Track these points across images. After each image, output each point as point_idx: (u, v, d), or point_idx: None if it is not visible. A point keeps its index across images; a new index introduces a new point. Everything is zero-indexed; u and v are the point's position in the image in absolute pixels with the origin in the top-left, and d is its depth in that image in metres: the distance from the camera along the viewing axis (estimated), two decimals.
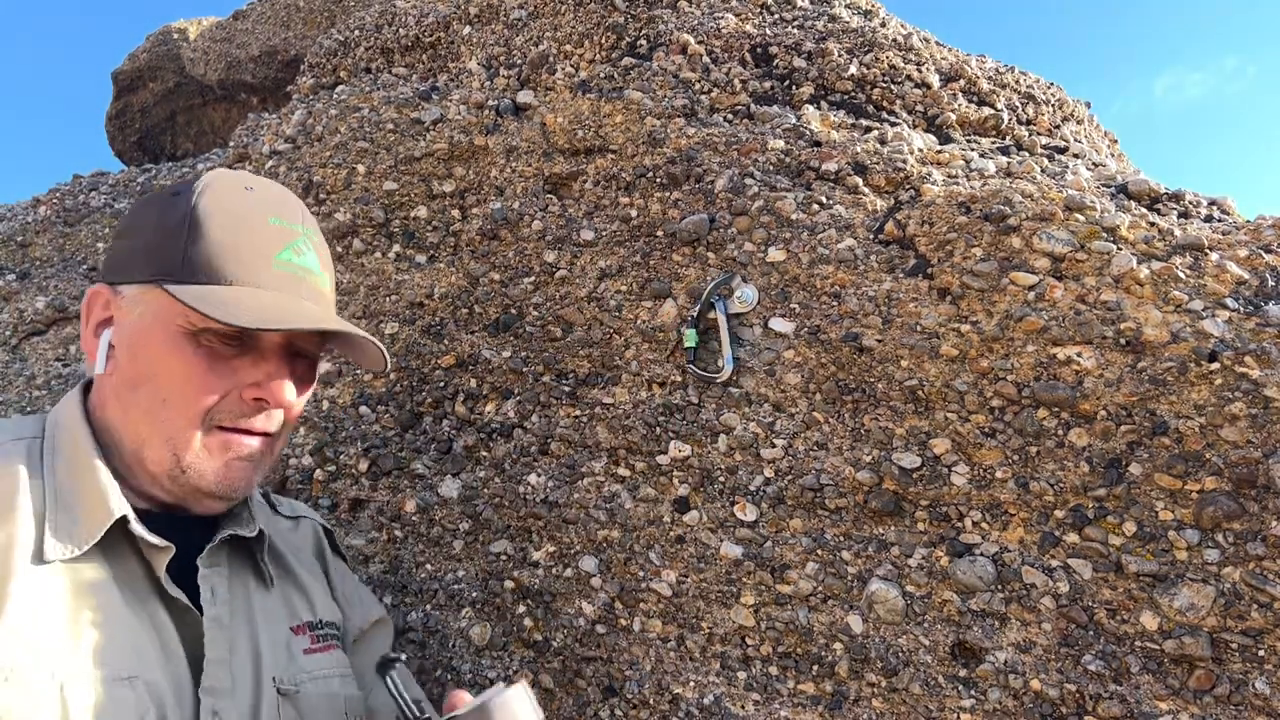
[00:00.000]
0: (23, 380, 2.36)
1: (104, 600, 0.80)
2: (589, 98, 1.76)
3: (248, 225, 0.91)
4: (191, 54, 4.57)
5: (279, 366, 0.92)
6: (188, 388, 0.87)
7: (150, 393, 0.87)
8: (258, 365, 0.91)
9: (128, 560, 0.85)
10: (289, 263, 0.92)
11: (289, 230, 0.94)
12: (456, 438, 1.56)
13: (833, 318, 1.32)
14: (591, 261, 1.58)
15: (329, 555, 1.18)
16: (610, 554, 1.34)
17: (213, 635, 0.86)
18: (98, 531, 0.81)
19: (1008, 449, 1.14)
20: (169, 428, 0.87)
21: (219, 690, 0.84)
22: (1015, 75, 1.79)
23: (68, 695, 0.72)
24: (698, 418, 1.36)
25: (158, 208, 0.92)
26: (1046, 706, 1.04)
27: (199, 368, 0.87)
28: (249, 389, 0.90)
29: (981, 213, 1.29)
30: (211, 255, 0.87)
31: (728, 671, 1.21)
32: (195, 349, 0.87)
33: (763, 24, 1.90)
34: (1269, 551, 0.97)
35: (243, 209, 0.92)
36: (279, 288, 0.90)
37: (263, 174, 2.07)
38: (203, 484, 0.89)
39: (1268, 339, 1.04)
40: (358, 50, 2.55)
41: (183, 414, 0.87)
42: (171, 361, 0.87)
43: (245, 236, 0.90)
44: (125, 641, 0.79)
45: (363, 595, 1.20)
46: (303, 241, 0.95)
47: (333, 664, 1.00)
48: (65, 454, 0.87)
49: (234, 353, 0.89)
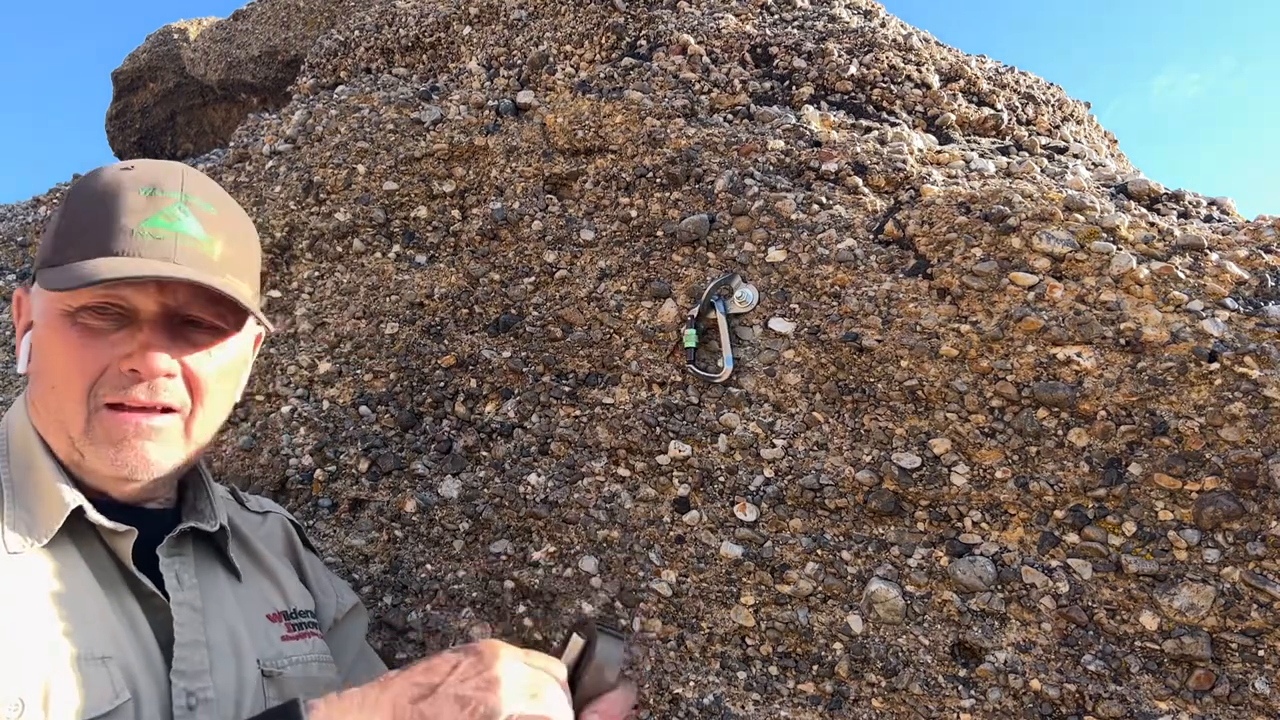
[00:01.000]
0: (22, 380, 2.36)
1: (75, 587, 0.81)
2: (589, 98, 1.76)
3: (110, 199, 0.89)
4: (192, 54, 4.57)
5: (154, 336, 0.89)
6: (68, 367, 0.87)
7: (44, 381, 0.89)
8: (133, 337, 0.89)
9: (95, 550, 0.86)
10: (158, 228, 0.89)
11: (163, 198, 0.91)
12: (456, 438, 1.56)
13: (833, 318, 1.32)
14: (591, 261, 1.58)
15: (300, 548, 1.19)
16: (610, 554, 1.34)
17: (183, 619, 0.86)
18: (55, 524, 0.82)
19: (1008, 449, 1.14)
20: (60, 412, 0.87)
21: (193, 672, 0.84)
22: (1015, 75, 1.79)
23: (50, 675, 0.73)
24: (698, 418, 1.36)
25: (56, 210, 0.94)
26: (1046, 706, 1.04)
27: (75, 346, 0.87)
28: (123, 360, 0.88)
29: (981, 213, 1.29)
30: (70, 234, 0.88)
31: (728, 671, 1.21)
32: (70, 328, 0.87)
33: (763, 24, 1.90)
34: (1269, 551, 0.97)
35: (109, 186, 0.90)
36: (143, 253, 0.87)
37: (262, 174, 2.07)
38: (101, 469, 0.88)
39: (1268, 339, 1.04)
40: (358, 50, 2.55)
41: (67, 395, 0.87)
42: (55, 346, 0.88)
43: (105, 209, 0.89)
44: (98, 624, 0.80)
45: (336, 584, 1.21)
46: (177, 208, 0.91)
47: (311, 650, 1.01)
48: (18, 456, 0.89)
49: (111, 328, 0.88)
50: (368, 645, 1.21)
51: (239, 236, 0.98)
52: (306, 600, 1.08)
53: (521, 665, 0.81)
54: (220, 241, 0.94)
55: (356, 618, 1.20)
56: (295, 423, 1.72)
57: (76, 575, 0.82)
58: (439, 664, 0.79)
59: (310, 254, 1.91)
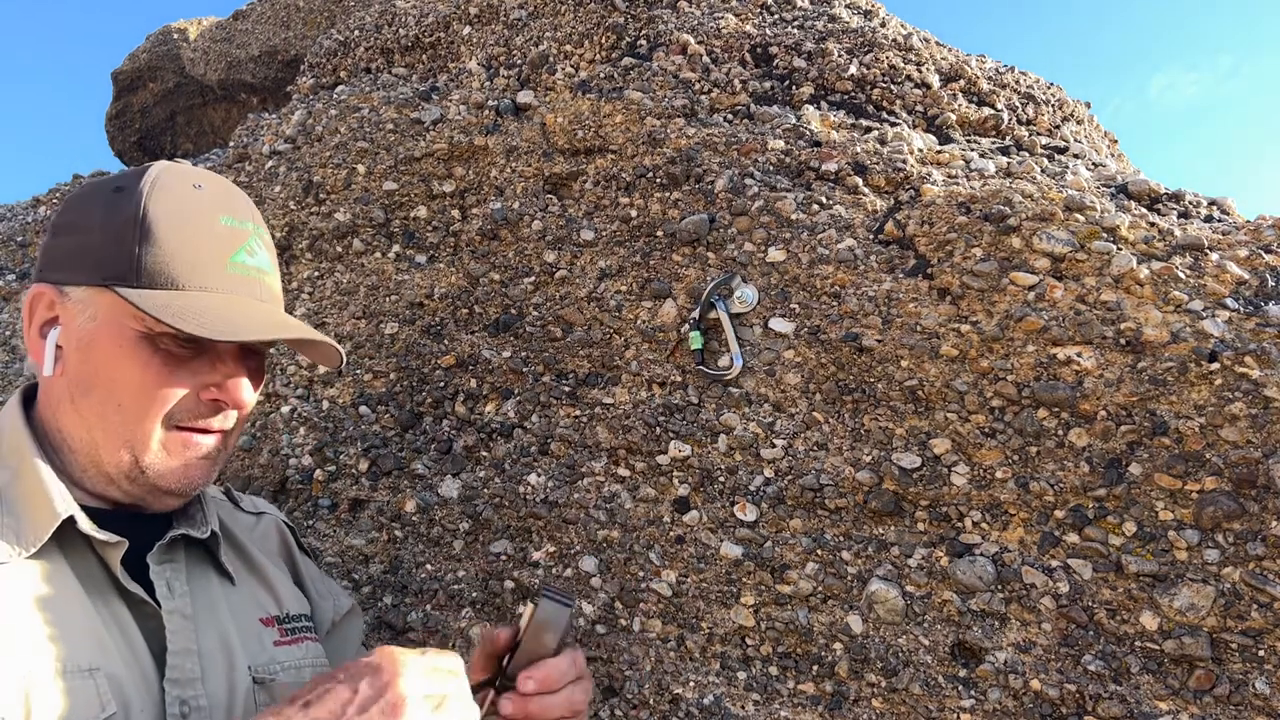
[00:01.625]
0: (22, 380, 2.37)
1: (63, 597, 0.79)
2: (589, 98, 1.76)
3: (199, 227, 0.90)
4: (191, 54, 4.57)
5: (235, 367, 0.92)
6: (145, 392, 0.86)
7: (104, 396, 0.87)
8: (215, 367, 0.90)
9: (85, 558, 0.85)
10: (242, 264, 0.92)
11: (240, 230, 0.93)
12: (456, 438, 1.56)
13: (833, 318, 1.32)
14: (591, 261, 1.58)
15: (295, 551, 1.18)
16: (610, 554, 1.34)
17: (175, 626, 0.86)
18: (44, 533, 0.80)
19: (1008, 449, 1.14)
20: (126, 431, 0.87)
21: (185, 680, 0.84)
22: (1015, 75, 1.79)
23: (30, 690, 0.71)
24: (698, 418, 1.36)
25: (102, 205, 0.90)
26: (1046, 706, 1.04)
27: (156, 372, 0.87)
28: (206, 390, 0.90)
29: (981, 213, 1.29)
30: (164, 259, 0.86)
31: (728, 671, 1.21)
32: (153, 353, 0.87)
33: (763, 24, 1.90)
34: (1269, 551, 0.97)
35: (193, 209, 0.90)
36: (233, 290, 0.90)
37: (262, 174, 2.07)
38: (162, 483, 0.89)
39: (1268, 339, 1.04)
40: (358, 50, 2.55)
41: (141, 417, 0.87)
42: (127, 365, 0.86)
43: (197, 239, 0.89)
44: (86, 635, 0.78)
45: (332, 587, 1.21)
46: (254, 240, 0.95)
47: (305, 655, 1.00)
48: (7, 462, 0.87)
49: (191, 354, 0.89)
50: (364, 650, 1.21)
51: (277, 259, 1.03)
52: (301, 604, 1.07)
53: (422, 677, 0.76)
54: (278, 272, 0.99)
55: (353, 620, 1.19)
56: (295, 423, 1.72)
57: (64, 585, 0.80)
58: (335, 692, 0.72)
59: (310, 254, 1.91)
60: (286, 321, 0.94)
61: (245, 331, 0.85)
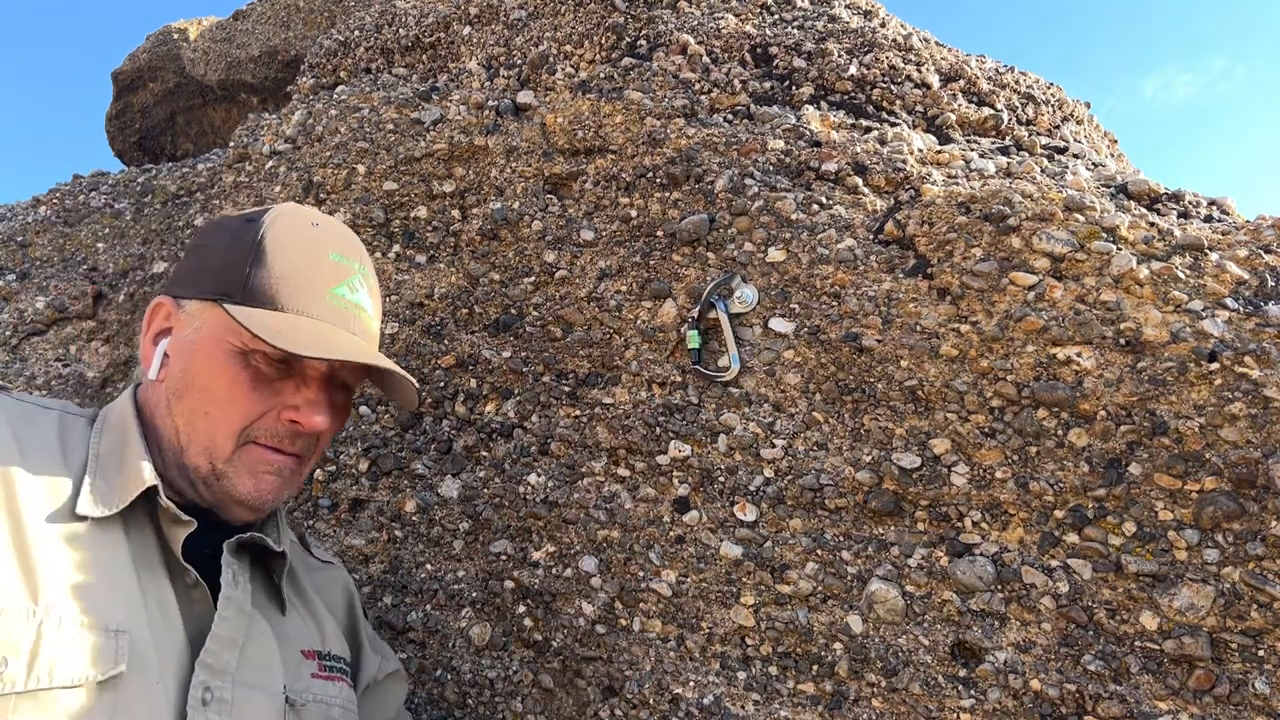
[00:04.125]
0: (23, 380, 2.36)
1: (111, 563, 0.82)
2: (589, 98, 1.76)
3: (309, 258, 0.97)
4: (192, 54, 4.57)
5: (318, 394, 0.97)
6: (230, 403, 0.92)
7: (195, 403, 0.92)
8: (299, 390, 0.96)
9: (145, 535, 0.88)
10: (342, 298, 0.98)
11: (347, 267, 1.00)
12: (456, 438, 1.56)
13: (833, 318, 1.32)
14: (591, 261, 1.58)
15: (357, 606, 1.21)
16: (610, 554, 1.34)
17: (228, 614, 0.88)
18: (129, 496, 0.85)
19: (1008, 449, 1.14)
20: (207, 438, 0.92)
21: (218, 669, 0.84)
22: (1015, 75, 1.79)
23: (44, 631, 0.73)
24: (698, 418, 1.36)
25: (230, 231, 0.98)
26: (1046, 706, 1.04)
27: (244, 386, 0.92)
28: (287, 411, 0.95)
29: (981, 213, 1.29)
30: (271, 282, 0.93)
31: (728, 671, 1.21)
32: (243, 367, 0.92)
33: (763, 24, 1.90)
34: (1269, 551, 0.97)
35: (306, 242, 0.98)
36: (330, 320, 0.96)
37: (262, 174, 2.07)
38: (235, 492, 0.93)
39: (1267, 339, 1.04)
40: (358, 50, 2.55)
41: (222, 426, 0.92)
42: (218, 376, 0.92)
43: (304, 268, 0.96)
44: (122, 601, 0.80)
45: (384, 648, 1.23)
46: (358, 279, 1.01)
47: (336, 694, 1.01)
48: (112, 433, 0.93)
49: (278, 375, 0.94)
50: (406, 714, 1.22)
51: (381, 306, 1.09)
52: (343, 649, 1.09)
53: None
54: (378, 315, 1.05)
55: (397, 681, 1.22)
56: None
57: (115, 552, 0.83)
58: None
59: None
60: (372, 352, 0.98)
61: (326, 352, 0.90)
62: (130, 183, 2.96)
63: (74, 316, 2.53)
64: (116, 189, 2.95)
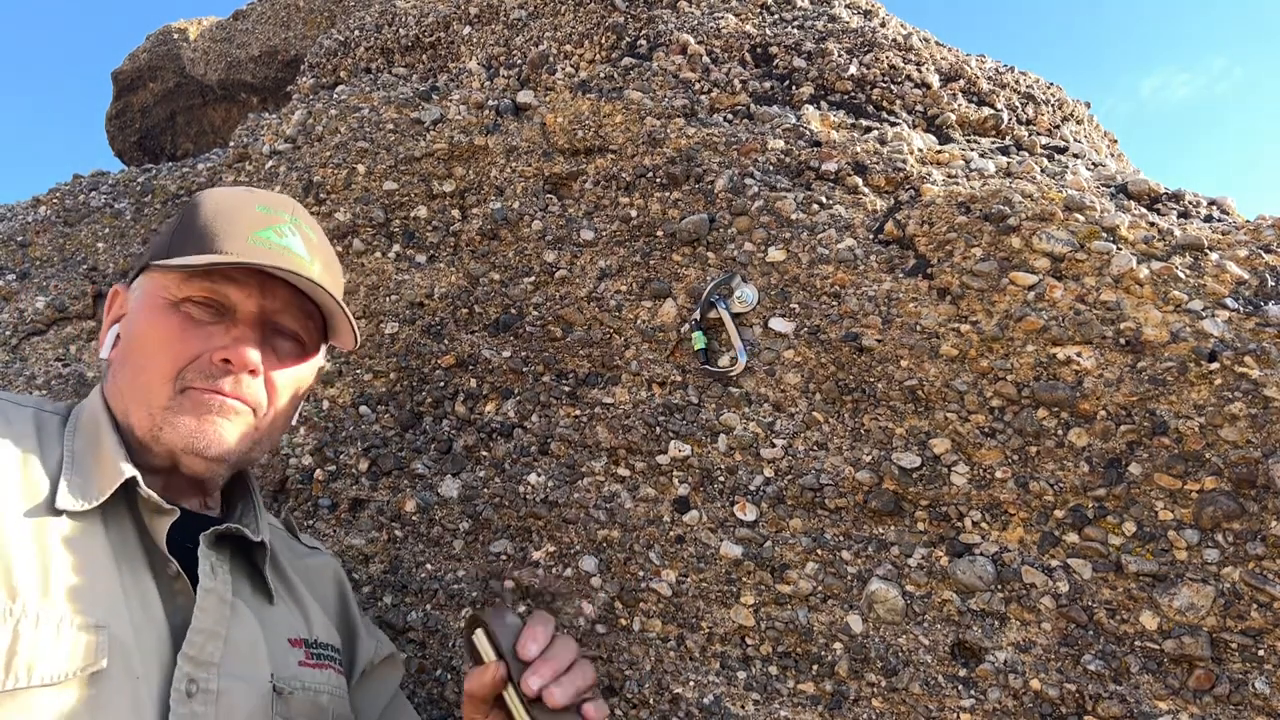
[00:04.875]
0: (23, 380, 2.36)
1: (91, 558, 0.82)
2: (589, 98, 1.76)
3: (231, 209, 0.98)
4: (191, 54, 4.57)
5: (248, 331, 0.97)
6: (161, 350, 0.93)
7: (134, 362, 0.94)
8: (228, 331, 0.96)
9: (125, 528, 0.87)
10: (267, 240, 0.97)
11: (274, 215, 1.01)
12: (456, 438, 1.56)
13: (833, 318, 1.32)
14: (591, 261, 1.58)
15: (348, 590, 1.21)
16: (610, 554, 1.34)
17: (207, 605, 0.87)
18: (108, 488, 0.85)
19: (1008, 449, 1.14)
20: (144, 391, 0.92)
21: (202, 661, 0.84)
22: (1015, 75, 1.79)
23: (21, 630, 0.73)
24: (698, 418, 1.36)
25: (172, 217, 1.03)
26: (1046, 706, 1.04)
27: (173, 331, 0.93)
28: (217, 351, 0.94)
29: (981, 213, 1.29)
30: (192, 234, 0.95)
31: (728, 671, 1.21)
32: (172, 315, 0.94)
33: (763, 24, 1.90)
34: (1269, 551, 0.97)
35: (231, 199, 1.00)
36: (253, 257, 0.95)
37: (262, 174, 2.07)
38: (177, 438, 0.92)
39: (1268, 339, 1.04)
40: (358, 50, 2.55)
41: (156, 375, 0.92)
42: (151, 330, 0.94)
43: (225, 217, 0.97)
44: (102, 596, 0.80)
45: (378, 632, 1.23)
46: (287, 227, 1.01)
47: (324, 681, 1.00)
48: (85, 431, 0.93)
49: (210, 320, 0.95)
50: (402, 695, 1.22)
51: (332, 264, 1.08)
52: (330, 636, 1.08)
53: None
54: (319, 263, 1.03)
55: (392, 666, 1.22)
56: (295, 422, 1.72)
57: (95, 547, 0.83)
58: None
59: None
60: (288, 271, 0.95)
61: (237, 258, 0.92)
62: (130, 183, 2.96)
63: (74, 316, 2.53)
64: (116, 189, 2.95)
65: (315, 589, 1.12)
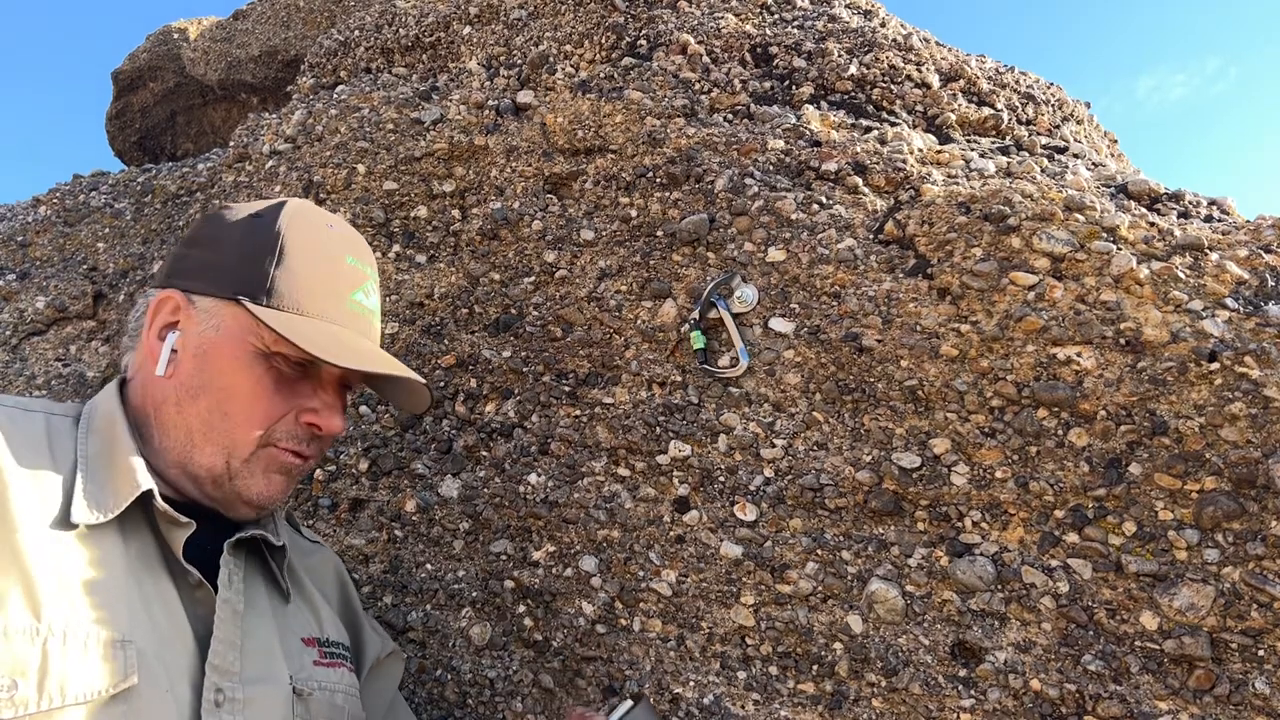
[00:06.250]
0: (23, 380, 2.36)
1: (111, 570, 0.81)
2: (589, 98, 1.76)
3: (329, 262, 0.98)
4: (191, 54, 4.57)
5: (335, 398, 0.99)
6: (254, 405, 0.92)
7: (213, 402, 0.91)
8: (317, 393, 0.97)
9: (144, 537, 0.86)
10: (359, 304, 1.00)
11: (362, 272, 1.02)
12: (456, 438, 1.56)
13: (833, 318, 1.32)
14: (591, 261, 1.58)
15: (349, 586, 1.21)
16: (610, 554, 1.34)
17: (224, 616, 0.87)
18: (124, 501, 0.84)
19: (1008, 449, 1.14)
20: (227, 438, 0.91)
21: (226, 670, 0.84)
22: (1015, 75, 1.79)
23: (50, 650, 0.72)
24: (698, 418, 1.36)
25: (241, 227, 0.97)
26: (1046, 706, 1.04)
27: (266, 388, 0.93)
28: (306, 414, 0.96)
29: (981, 213, 1.29)
30: (295, 285, 0.94)
31: (728, 671, 1.21)
32: (266, 369, 0.93)
33: (763, 24, 1.90)
34: (1269, 551, 0.97)
35: (325, 244, 0.99)
36: (348, 325, 0.97)
37: (262, 174, 2.07)
38: (246, 493, 0.93)
39: (1268, 339, 1.04)
40: (358, 50, 2.55)
41: (244, 427, 0.92)
42: (240, 377, 0.92)
43: (326, 272, 0.97)
44: (125, 609, 0.79)
45: (379, 628, 1.23)
46: (371, 284, 1.04)
47: (339, 680, 1.01)
48: (101, 434, 0.91)
49: (297, 377, 0.95)
50: (399, 695, 1.22)
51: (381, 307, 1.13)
52: (340, 634, 1.09)
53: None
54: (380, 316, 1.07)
55: (397, 661, 1.22)
56: None
57: (114, 559, 0.82)
58: None
59: None
60: (392, 360, 1.00)
61: (358, 361, 0.91)
62: (130, 182, 2.96)
63: (74, 316, 2.53)
64: (116, 189, 2.95)
65: (321, 585, 1.13)
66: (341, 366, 0.89)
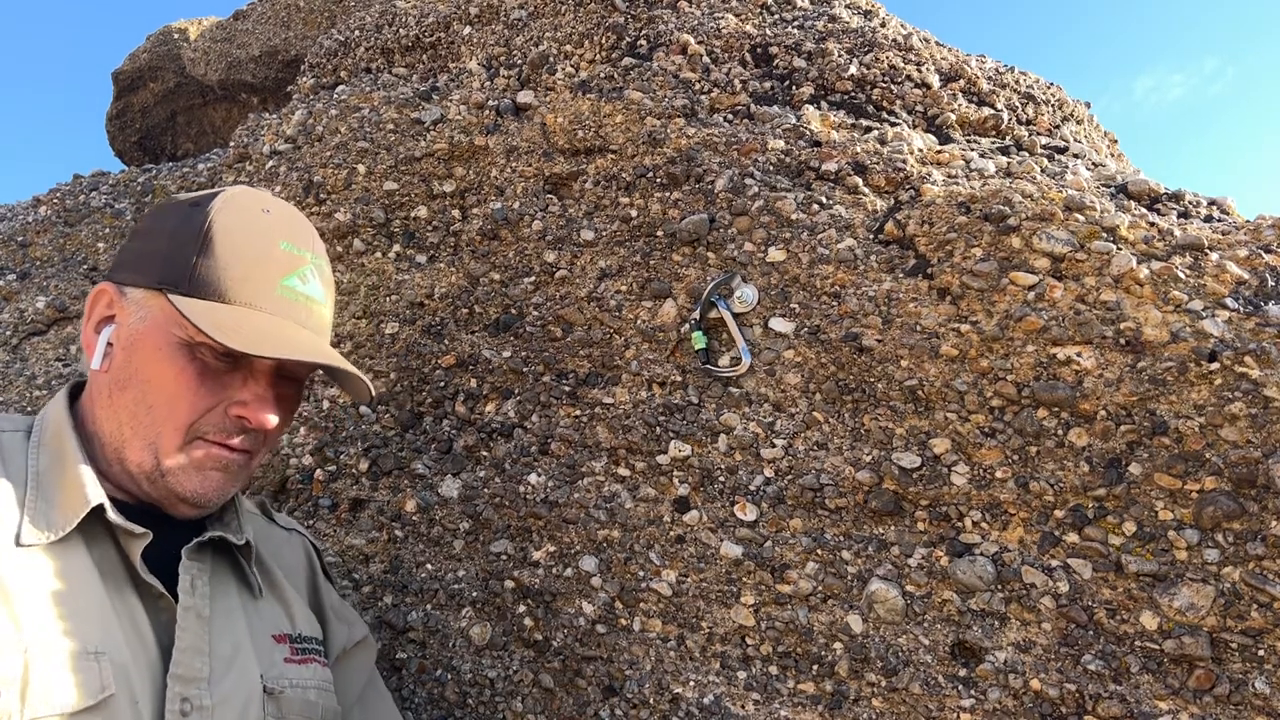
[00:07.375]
0: (23, 380, 2.36)
1: (79, 583, 0.81)
2: (589, 98, 1.76)
3: (258, 247, 0.93)
4: (192, 54, 4.57)
5: (266, 389, 0.94)
6: (176, 398, 0.89)
7: (138, 396, 0.89)
8: (246, 385, 0.92)
9: (106, 548, 0.86)
10: (293, 289, 0.94)
11: (298, 257, 0.96)
12: (457, 438, 1.56)
13: (833, 318, 1.32)
14: (591, 261, 1.58)
15: (319, 574, 1.19)
16: (610, 554, 1.34)
17: (187, 624, 0.86)
18: (74, 519, 0.82)
19: (1008, 449, 1.14)
20: (151, 432, 0.89)
21: (191, 678, 0.84)
22: (1015, 75, 1.79)
23: (31, 665, 0.73)
24: (698, 418, 1.36)
25: (176, 216, 0.94)
26: (1046, 706, 1.04)
27: (189, 380, 0.89)
28: (234, 406, 0.92)
29: (981, 213, 1.29)
30: (218, 273, 0.90)
31: (728, 671, 1.21)
32: (189, 360, 0.89)
33: (763, 24, 1.90)
34: (1269, 551, 0.97)
35: (256, 230, 0.94)
36: (279, 313, 0.92)
37: (262, 174, 2.07)
38: (179, 490, 0.90)
39: (1267, 339, 1.04)
40: (358, 50, 2.55)
41: (167, 421, 0.89)
42: (164, 369, 0.89)
43: (254, 259, 0.92)
44: (95, 621, 0.79)
45: (349, 614, 1.21)
46: (310, 269, 0.97)
47: (311, 676, 1.00)
48: (49, 447, 0.89)
49: (225, 368, 0.91)
50: (377, 674, 1.21)
51: (333, 292, 1.05)
52: (313, 627, 1.08)
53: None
54: (330, 304, 1.01)
55: (366, 649, 1.20)
56: (295, 422, 1.72)
57: (81, 572, 0.82)
58: None
59: None
60: (323, 349, 0.95)
61: (277, 351, 0.87)
62: (130, 183, 2.96)
63: (74, 316, 2.53)
64: (117, 189, 2.95)
65: (290, 574, 1.11)
66: (255, 355, 0.85)
